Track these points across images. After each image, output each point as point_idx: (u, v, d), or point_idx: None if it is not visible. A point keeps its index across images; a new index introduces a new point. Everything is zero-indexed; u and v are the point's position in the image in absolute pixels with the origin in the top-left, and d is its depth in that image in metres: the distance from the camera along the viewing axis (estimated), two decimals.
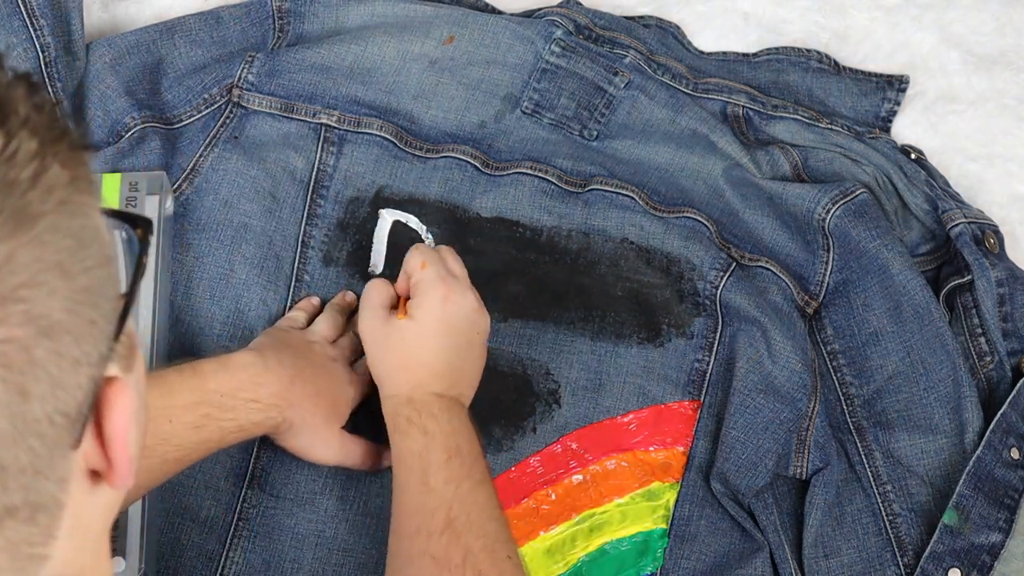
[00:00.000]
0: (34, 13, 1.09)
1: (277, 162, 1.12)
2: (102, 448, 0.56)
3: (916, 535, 1.08)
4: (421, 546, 0.90)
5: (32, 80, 0.53)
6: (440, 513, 0.91)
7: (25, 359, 0.50)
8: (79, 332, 0.52)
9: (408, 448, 0.95)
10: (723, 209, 1.16)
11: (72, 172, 0.52)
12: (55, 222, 0.51)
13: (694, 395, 1.11)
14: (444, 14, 1.17)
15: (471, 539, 0.90)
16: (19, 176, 0.50)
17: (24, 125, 0.51)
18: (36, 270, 0.50)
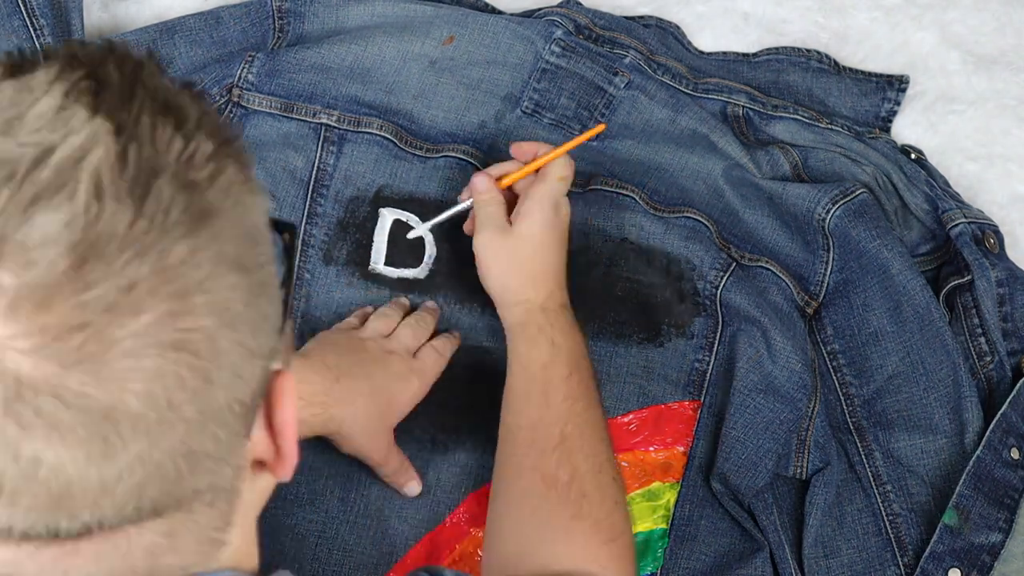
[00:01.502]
0: (34, 13, 1.09)
1: (277, 162, 1.12)
2: (271, 438, 0.59)
3: (916, 535, 1.08)
4: (533, 461, 0.93)
5: (196, 87, 0.57)
6: (555, 429, 0.94)
7: (211, 348, 0.52)
8: (255, 324, 0.55)
9: (535, 358, 0.97)
10: (723, 209, 1.16)
11: (243, 173, 0.55)
12: (232, 218, 0.54)
13: (694, 395, 1.11)
14: (444, 14, 1.17)
15: (580, 459, 0.93)
16: (199, 176, 0.53)
17: (199, 127, 0.54)
18: (217, 264, 0.53)
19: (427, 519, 1.08)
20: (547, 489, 0.92)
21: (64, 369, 0.50)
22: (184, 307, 0.52)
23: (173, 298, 0.51)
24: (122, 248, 0.50)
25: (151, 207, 0.51)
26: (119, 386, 0.51)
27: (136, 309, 0.50)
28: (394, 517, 1.07)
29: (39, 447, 0.51)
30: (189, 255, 0.52)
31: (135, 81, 0.54)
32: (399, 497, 1.08)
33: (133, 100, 0.53)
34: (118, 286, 0.50)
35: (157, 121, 0.53)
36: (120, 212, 0.50)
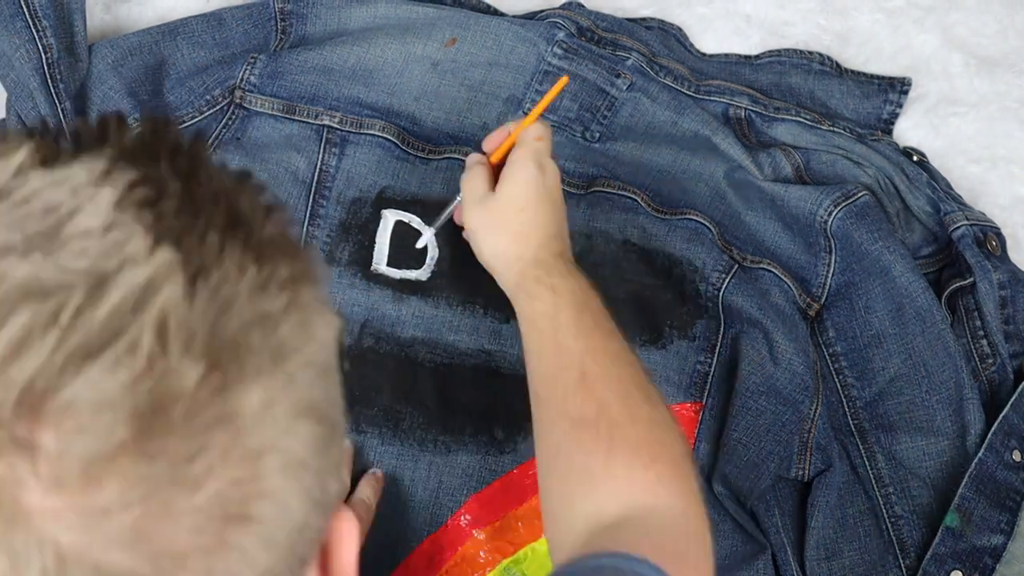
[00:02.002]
0: (37, 14, 1.09)
1: (279, 163, 1.13)
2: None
3: (918, 537, 1.08)
4: (557, 408, 0.87)
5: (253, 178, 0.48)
6: (573, 371, 0.88)
7: (279, 512, 0.46)
8: (325, 473, 0.48)
9: (539, 311, 0.93)
10: (725, 211, 1.16)
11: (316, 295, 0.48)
12: (308, 356, 0.47)
13: (696, 397, 1.11)
14: (446, 16, 1.17)
15: (604, 390, 0.86)
16: (273, 308, 0.45)
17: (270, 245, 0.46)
18: (293, 415, 0.46)
19: (428, 521, 1.08)
20: (578, 431, 0.85)
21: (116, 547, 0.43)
22: (255, 472, 0.44)
23: (244, 462, 0.44)
24: (191, 413, 0.43)
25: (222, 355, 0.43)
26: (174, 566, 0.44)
27: (201, 480, 0.43)
28: (395, 519, 1.08)
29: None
30: (263, 409, 0.44)
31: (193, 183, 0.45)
32: (400, 499, 1.08)
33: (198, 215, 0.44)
34: (182, 456, 0.43)
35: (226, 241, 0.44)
36: (188, 367, 0.42)
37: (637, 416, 0.85)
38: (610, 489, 0.82)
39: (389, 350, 1.10)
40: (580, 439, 0.84)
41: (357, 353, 1.10)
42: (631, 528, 0.79)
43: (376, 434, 1.08)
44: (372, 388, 1.09)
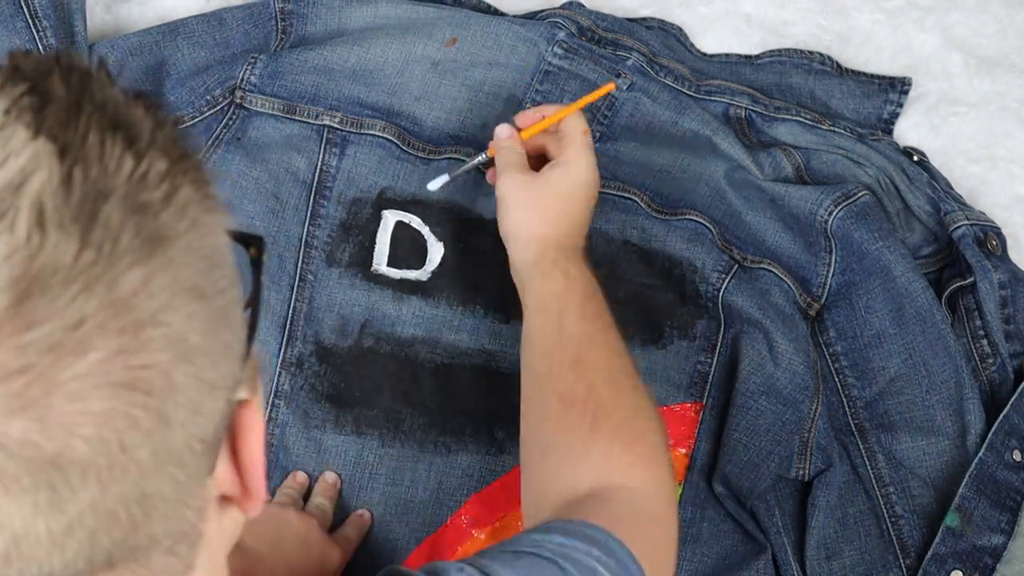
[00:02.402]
0: (37, 15, 1.09)
1: (280, 163, 1.13)
2: (237, 473, 0.55)
3: (918, 537, 1.08)
4: (550, 385, 0.93)
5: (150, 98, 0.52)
6: (570, 352, 0.93)
7: (166, 384, 0.48)
8: (215, 355, 0.51)
9: (549, 289, 0.97)
10: (725, 211, 1.16)
11: (201, 191, 0.51)
12: (189, 243, 0.50)
13: (696, 397, 1.11)
14: (447, 16, 1.17)
15: (595, 374, 0.92)
16: (151, 198, 0.49)
17: (152, 144, 0.50)
18: (174, 292, 0.49)
19: (428, 522, 1.08)
20: (565, 408, 0.91)
21: (5, 416, 0.46)
22: (136, 343, 0.47)
23: (124, 333, 0.47)
24: (67, 282, 0.46)
25: (99, 234, 0.47)
26: (66, 431, 0.46)
27: (83, 348, 0.46)
28: (395, 520, 1.08)
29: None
30: (141, 285, 0.47)
31: (82, 94, 0.49)
32: (400, 500, 1.08)
33: (79, 116, 0.48)
34: (63, 324, 0.46)
35: (106, 138, 0.48)
36: (64, 242, 0.46)
37: (622, 403, 0.91)
38: (587, 466, 0.88)
39: (389, 350, 1.10)
40: (566, 415, 0.90)
41: (358, 353, 1.10)
42: (597, 502, 0.85)
43: (376, 435, 1.09)
44: (373, 388, 1.09)
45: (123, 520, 0.49)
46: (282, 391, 1.09)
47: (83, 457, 0.47)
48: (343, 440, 1.08)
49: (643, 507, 0.86)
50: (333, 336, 1.10)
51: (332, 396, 1.09)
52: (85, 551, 0.49)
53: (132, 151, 0.49)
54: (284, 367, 1.09)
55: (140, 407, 0.48)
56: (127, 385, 0.47)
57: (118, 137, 0.49)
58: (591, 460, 0.88)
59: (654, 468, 0.89)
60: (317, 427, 1.09)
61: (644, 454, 0.89)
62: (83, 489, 0.47)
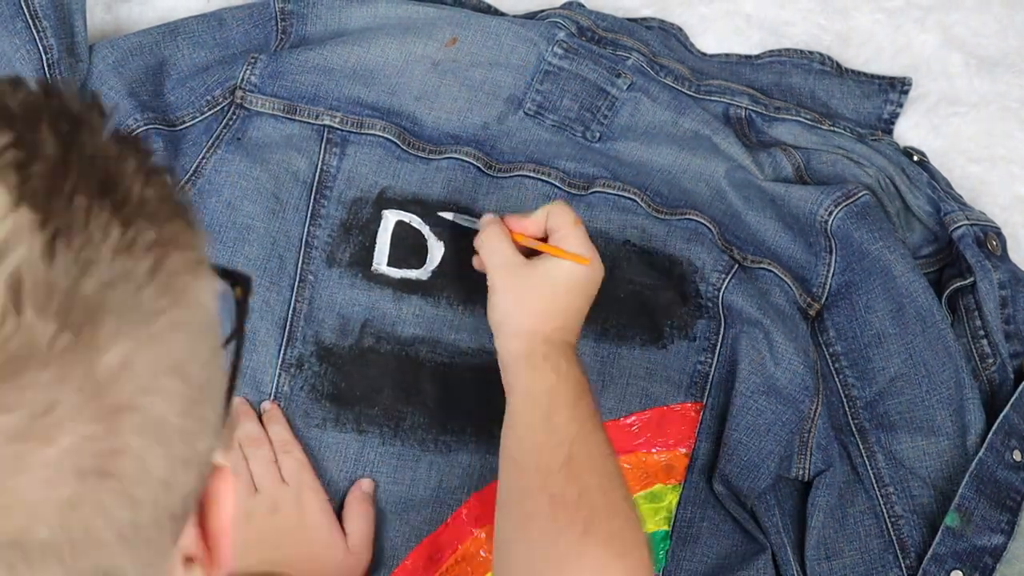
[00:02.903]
0: (37, 15, 1.09)
1: (280, 163, 1.13)
2: (203, 538, 0.53)
3: (918, 537, 1.08)
4: (539, 482, 0.90)
5: (141, 145, 0.49)
6: (562, 450, 0.90)
7: (138, 469, 0.46)
8: (193, 433, 0.49)
9: (539, 384, 0.94)
10: (725, 211, 1.16)
11: (189, 257, 0.48)
12: (173, 318, 0.47)
13: (697, 397, 1.11)
14: (447, 15, 1.17)
15: (588, 477, 0.89)
16: (136, 270, 0.46)
17: (141, 209, 0.47)
18: (153, 374, 0.46)
19: (429, 520, 1.08)
20: (554, 509, 0.88)
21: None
22: (110, 429, 0.45)
23: (98, 420, 0.45)
24: (42, 367, 0.44)
25: (78, 315, 0.44)
26: (28, 517, 0.44)
27: (53, 435, 0.44)
28: (396, 519, 1.08)
29: None
30: (120, 367, 0.45)
31: (71, 148, 0.46)
32: (401, 499, 1.08)
33: (66, 178, 0.45)
34: (33, 411, 0.44)
35: (93, 204, 0.45)
36: (41, 324, 0.44)
37: (616, 510, 0.89)
38: (577, 570, 0.86)
39: (390, 349, 1.10)
40: (557, 515, 0.88)
41: (358, 352, 1.10)
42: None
43: (377, 434, 1.09)
44: (373, 388, 1.09)
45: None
46: (282, 392, 1.09)
47: (45, 540, 0.45)
48: (344, 438, 1.09)
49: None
50: (333, 336, 1.10)
51: (332, 395, 1.09)
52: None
53: (119, 218, 0.46)
54: (284, 368, 1.09)
55: (109, 492, 0.46)
56: (96, 472, 0.45)
57: (106, 201, 0.46)
58: (582, 566, 0.86)
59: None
60: (317, 426, 1.09)
61: (637, 565, 0.87)
62: (43, 570, 0.46)
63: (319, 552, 1.02)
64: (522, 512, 0.90)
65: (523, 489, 0.91)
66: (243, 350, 0.55)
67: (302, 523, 1.03)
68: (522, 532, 0.90)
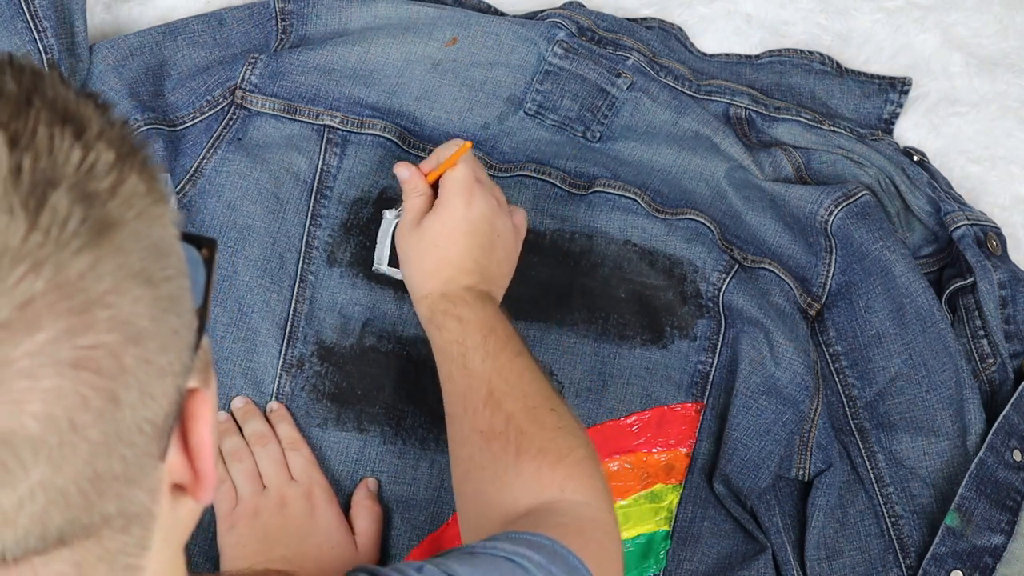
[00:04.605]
0: (37, 15, 1.09)
1: (280, 163, 1.13)
2: (188, 460, 0.56)
3: (918, 537, 1.08)
4: (469, 424, 0.94)
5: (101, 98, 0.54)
6: (482, 389, 0.94)
7: (115, 365, 0.50)
8: (163, 340, 0.52)
9: (446, 338, 0.98)
10: (725, 211, 1.16)
11: (147, 184, 0.53)
12: (135, 230, 0.51)
13: (697, 397, 1.11)
14: (447, 16, 1.17)
15: (510, 404, 0.93)
16: (99, 187, 0.50)
17: (100, 137, 0.51)
18: (120, 277, 0.50)
19: (429, 520, 1.08)
20: (487, 442, 0.92)
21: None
22: (84, 323, 0.49)
23: (72, 314, 0.49)
24: (15, 262, 0.48)
25: (46, 219, 0.48)
26: (16, 408, 0.48)
27: (32, 327, 0.48)
28: (397, 519, 1.08)
29: None
30: (88, 268, 0.49)
31: (32, 91, 0.51)
32: (402, 498, 1.08)
33: (30, 109, 0.50)
34: (11, 303, 0.47)
35: (55, 131, 0.50)
36: (12, 225, 0.48)
37: (543, 424, 0.92)
38: (520, 487, 0.89)
39: (391, 349, 1.10)
40: (490, 448, 0.91)
41: (359, 352, 1.10)
42: (538, 516, 0.86)
43: (378, 432, 1.09)
44: (374, 387, 1.10)
45: (75, 498, 0.50)
46: (283, 392, 1.09)
47: (33, 435, 0.48)
48: (345, 437, 1.09)
49: (584, 515, 0.87)
50: (335, 336, 1.10)
51: (334, 395, 1.09)
52: (37, 528, 0.50)
53: (80, 143, 0.50)
54: (285, 368, 1.09)
55: (89, 386, 0.49)
56: (76, 364, 0.49)
57: (67, 130, 0.50)
58: (523, 482, 0.89)
59: (587, 478, 0.90)
60: (319, 425, 1.09)
61: (575, 467, 0.90)
62: (34, 467, 0.49)
63: (328, 550, 1.02)
64: (462, 456, 0.94)
65: (458, 435, 0.95)
66: (210, 303, 0.58)
67: (311, 520, 1.03)
68: (466, 473, 0.93)
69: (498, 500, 0.90)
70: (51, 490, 0.50)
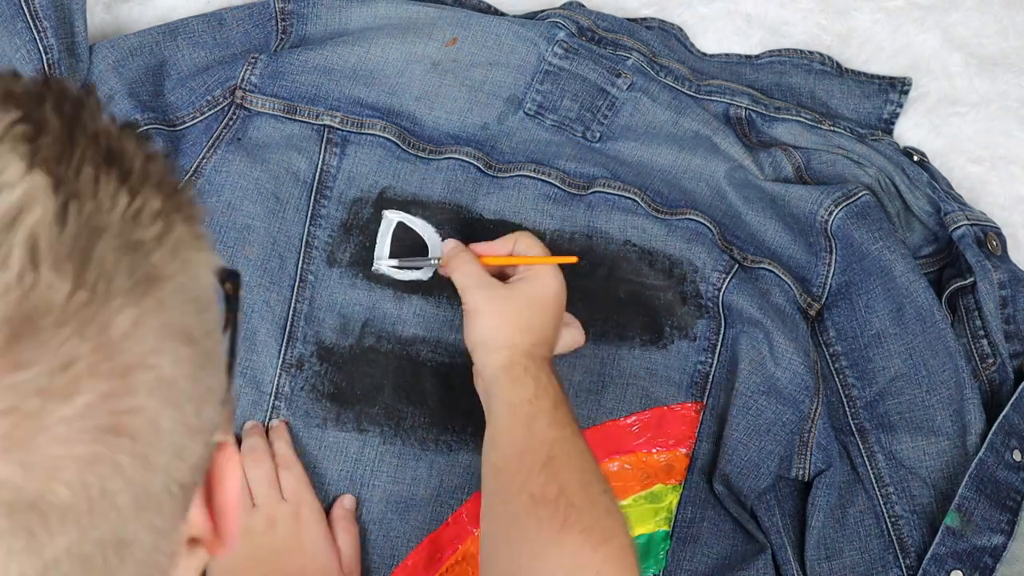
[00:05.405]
0: (37, 15, 1.09)
1: (280, 163, 1.13)
2: (210, 517, 0.54)
3: (918, 537, 1.08)
4: (520, 484, 0.93)
5: (139, 129, 0.51)
6: (542, 453, 0.93)
7: (151, 430, 0.48)
8: (200, 400, 0.50)
9: (520, 395, 0.97)
10: (725, 211, 1.16)
11: (192, 230, 0.50)
12: (180, 284, 0.49)
13: (697, 397, 1.11)
14: (447, 16, 1.17)
15: (567, 475, 0.92)
16: (145, 236, 0.48)
17: (145, 181, 0.49)
18: (163, 336, 0.48)
19: (429, 520, 1.08)
20: (535, 507, 0.90)
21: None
22: (124, 387, 0.47)
23: (113, 377, 0.46)
24: (59, 323, 0.45)
25: (92, 275, 0.46)
26: (48, 475, 0.45)
27: (71, 391, 0.46)
28: (396, 519, 1.08)
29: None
30: (132, 327, 0.47)
31: (75, 124, 0.49)
32: (401, 498, 1.08)
33: (74, 149, 0.48)
34: (52, 366, 0.45)
35: (100, 173, 0.47)
36: (58, 282, 0.45)
37: (595, 502, 0.92)
38: (556, 561, 0.88)
39: (391, 349, 1.10)
40: (538, 512, 0.91)
41: (359, 352, 1.10)
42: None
43: (378, 433, 1.09)
44: (374, 387, 1.10)
45: (98, 565, 0.48)
46: (282, 393, 1.09)
47: (64, 501, 0.46)
48: (344, 437, 1.09)
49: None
50: (334, 336, 1.10)
51: (333, 395, 1.09)
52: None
53: (126, 187, 0.48)
54: (284, 368, 1.09)
55: (125, 452, 0.47)
56: (113, 430, 0.47)
57: (112, 172, 0.48)
58: (562, 557, 0.89)
59: (624, 567, 0.89)
60: (318, 425, 1.09)
61: (618, 552, 0.89)
62: (61, 534, 0.47)
63: (314, 571, 1.02)
64: (506, 513, 0.93)
65: (506, 492, 0.94)
66: (239, 343, 0.56)
67: (299, 541, 1.03)
68: (505, 531, 0.92)
69: (531, 567, 0.89)
70: (76, 557, 0.47)
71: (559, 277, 1.03)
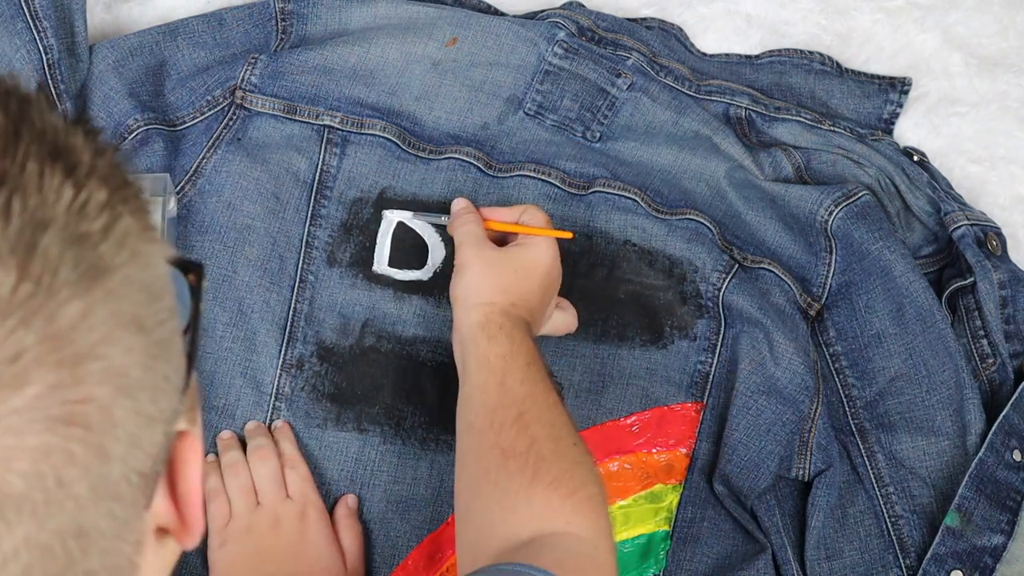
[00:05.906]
0: (37, 15, 1.09)
1: (280, 163, 1.13)
2: (175, 505, 0.54)
3: (918, 537, 1.08)
4: (492, 439, 0.93)
5: (90, 124, 0.51)
6: (513, 408, 0.94)
7: (105, 419, 0.48)
8: (155, 388, 0.50)
9: (493, 351, 0.97)
10: (725, 211, 1.16)
11: (140, 221, 0.51)
12: (128, 275, 0.49)
13: (697, 397, 1.11)
14: (447, 15, 1.17)
15: (537, 428, 0.93)
16: (91, 228, 0.48)
17: (91, 173, 0.49)
18: (112, 326, 0.48)
19: (429, 519, 1.08)
20: (506, 460, 0.91)
21: None
22: (74, 377, 0.47)
23: (62, 367, 0.46)
24: (4, 315, 0.45)
25: (37, 267, 0.46)
26: (2, 467, 0.46)
27: (20, 382, 0.46)
28: (397, 518, 1.08)
29: None
30: (80, 318, 0.47)
31: (21, 121, 0.49)
32: (401, 498, 1.08)
33: (18, 144, 0.48)
34: (1, 359, 0.45)
35: (45, 168, 0.47)
36: (2, 275, 0.45)
37: (564, 455, 0.92)
38: (527, 512, 0.89)
39: (391, 349, 1.10)
40: (507, 465, 0.91)
41: (359, 352, 1.10)
42: (539, 547, 0.86)
43: (378, 432, 1.09)
44: (374, 387, 1.10)
45: (59, 555, 0.48)
46: (283, 393, 1.09)
47: (18, 492, 0.46)
48: (344, 437, 1.09)
49: (585, 553, 0.87)
50: (334, 336, 1.10)
51: (333, 395, 1.09)
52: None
53: (71, 180, 0.48)
54: (284, 368, 1.09)
55: (78, 442, 0.47)
56: (64, 420, 0.47)
57: (57, 166, 0.48)
58: (532, 509, 0.89)
59: (595, 516, 0.90)
60: (319, 425, 1.09)
61: (586, 501, 0.90)
62: (18, 524, 0.47)
63: (319, 570, 1.02)
64: (478, 468, 0.93)
65: (476, 447, 0.94)
66: (199, 333, 0.56)
67: (303, 539, 1.03)
68: (477, 487, 0.93)
69: (503, 521, 0.89)
70: (35, 547, 0.47)
71: (553, 250, 1.03)
